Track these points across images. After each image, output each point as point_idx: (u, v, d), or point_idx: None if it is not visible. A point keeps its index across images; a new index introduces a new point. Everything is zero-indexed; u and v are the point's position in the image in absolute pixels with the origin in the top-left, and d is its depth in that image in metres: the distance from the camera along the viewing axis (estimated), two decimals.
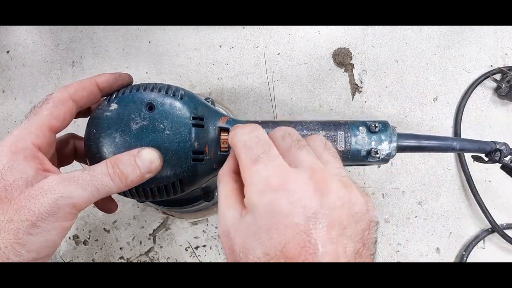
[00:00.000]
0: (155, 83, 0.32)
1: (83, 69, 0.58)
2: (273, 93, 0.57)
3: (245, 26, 0.58)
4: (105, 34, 0.58)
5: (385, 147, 0.34)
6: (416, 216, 0.56)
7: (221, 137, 0.33)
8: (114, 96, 0.31)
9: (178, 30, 0.57)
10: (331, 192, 0.23)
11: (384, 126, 0.34)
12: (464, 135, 0.56)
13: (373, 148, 0.34)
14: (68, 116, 0.29)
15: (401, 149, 0.35)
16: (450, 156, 0.57)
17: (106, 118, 0.30)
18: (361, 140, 0.34)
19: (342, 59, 0.57)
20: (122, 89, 0.32)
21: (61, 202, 0.24)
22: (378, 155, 0.33)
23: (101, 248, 0.55)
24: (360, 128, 0.34)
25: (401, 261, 0.55)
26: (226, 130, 0.33)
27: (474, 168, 0.55)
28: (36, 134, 0.27)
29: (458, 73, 0.57)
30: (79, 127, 0.45)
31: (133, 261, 0.55)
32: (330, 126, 0.34)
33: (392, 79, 0.57)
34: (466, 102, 0.56)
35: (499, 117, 0.57)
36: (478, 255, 0.55)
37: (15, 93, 0.58)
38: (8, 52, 0.58)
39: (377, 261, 0.24)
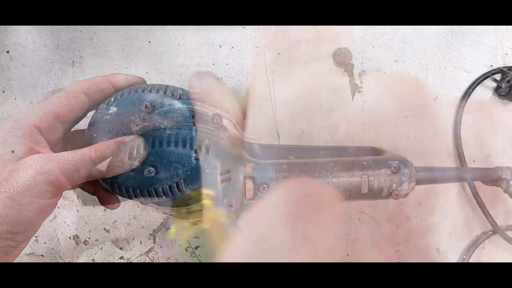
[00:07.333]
0: (153, 84, 0.32)
1: (83, 69, 0.58)
2: (273, 93, 0.57)
3: (245, 26, 0.57)
4: (105, 34, 0.58)
5: (404, 188, 0.35)
6: (416, 216, 0.56)
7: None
8: (112, 99, 0.31)
9: (178, 30, 0.57)
10: None
11: (405, 166, 0.35)
12: (464, 134, 0.56)
13: (394, 190, 0.34)
14: (78, 108, 0.30)
15: (417, 183, 0.36)
16: (450, 156, 0.57)
17: (106, 122, 0.30)
18: (383, 183, 0.34)
19: (342, 59, 0.57)
20: (120, 92, 0.32)
21: (38, 178, 0.24)
22: (397, 195, 0.35)
23: (101, 248, 0.55)
24: (383, 170, 0.35)
25: (401, 261, 0.55)
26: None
27: None
28: (40, 116, 0.28)
29: (458, 73, 0.57)
30: None
31: (133, 261, 0.55)
32: (354, 170, 0.35)
33: (392, 79, 0.57)
34: (466, 102, 0.56)
35: (499, 117, 0.57)
36: (478, 256, 0.55)
37: (15, 93, 0.58)
38: (8, 52, 0.58)
39: (377, 261, 0.24)
